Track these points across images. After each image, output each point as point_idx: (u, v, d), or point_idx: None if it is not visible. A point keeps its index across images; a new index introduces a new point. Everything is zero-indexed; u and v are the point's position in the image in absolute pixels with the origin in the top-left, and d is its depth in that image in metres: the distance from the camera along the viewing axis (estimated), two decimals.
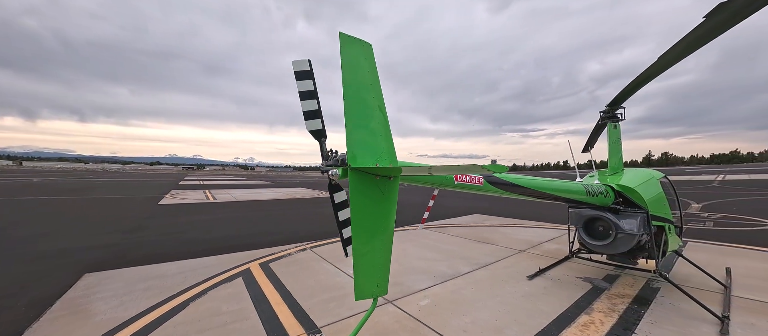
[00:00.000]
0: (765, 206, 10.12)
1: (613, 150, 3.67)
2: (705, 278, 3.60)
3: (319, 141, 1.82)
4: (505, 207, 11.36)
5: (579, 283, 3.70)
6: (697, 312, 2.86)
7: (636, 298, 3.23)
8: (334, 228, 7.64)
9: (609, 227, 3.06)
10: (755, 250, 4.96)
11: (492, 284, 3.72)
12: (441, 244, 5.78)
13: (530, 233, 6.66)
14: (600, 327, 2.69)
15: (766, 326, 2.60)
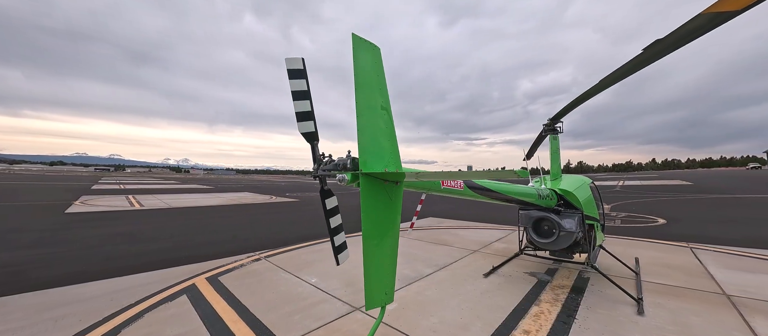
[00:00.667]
0: (654, 207, 12.45)
1: (554, 158, 4.19)
2: (621, 267, 4.28)
3: (312, 144, 1.72)
4: (455, 210, 12.04)
5: (527, 277, 4.10)
6: (619, 296, 3.39)
7: (573, 288, 3.69)
8: (290, 235, 7.28)
9: (553, 226, 3.47)
10: (653, 242, 6.07)
11: (453, 284, 3.90)
12: (402, 248, 5.88)
13: (481, 234, 7.18)
14: (548, 316, 3.01)
15: (670, 304, 3.19)
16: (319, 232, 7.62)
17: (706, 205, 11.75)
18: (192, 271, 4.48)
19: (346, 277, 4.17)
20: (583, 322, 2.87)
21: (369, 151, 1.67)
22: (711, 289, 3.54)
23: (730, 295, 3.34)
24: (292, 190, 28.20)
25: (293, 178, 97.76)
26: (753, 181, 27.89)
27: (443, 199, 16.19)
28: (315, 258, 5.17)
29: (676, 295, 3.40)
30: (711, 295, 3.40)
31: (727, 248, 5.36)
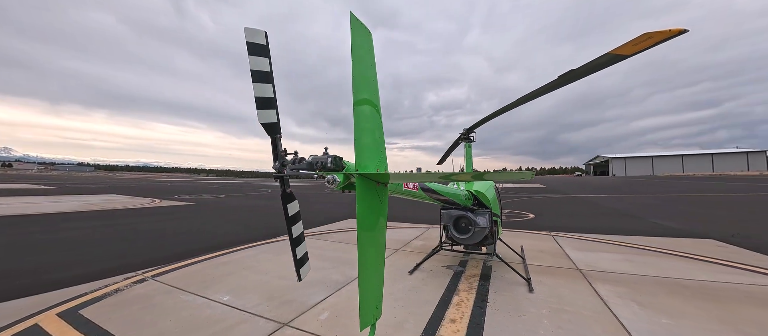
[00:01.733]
0: (525, 205, 15.68)
1: (468, 163, 4.78)
2: (513, 254, 5.20)
3: (274, 137, 1.41)
4: None
5: (445, 271, 4.52)
6: (515, 278, 4.10)
7: (482, 276, 4.27)
8: (188, 247, 6.08)
9: (469, 223, 3.94)
10: (528, 232, 7.62)
11: (385, 285, 3.96)
12: (325, 252, 5.66)
13: (399, 233, 7.57)
14: (467, 303, 3.38)
15: (548, 281, 4.04)
16: (228, 240, 6.62)
17: (555, 202, 15.50)
18: (33, 305, 3.20)
19: (265, 290, 3.73)
20: (494, 304, 3.34)
21: (364, 150, 1.51)
22: (569, 267, 4.65)
23: (582, 270, 4.47)
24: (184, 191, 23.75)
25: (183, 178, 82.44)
26: (579, 185, 38.35)
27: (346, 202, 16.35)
28: (225, 271, 4.45)
29: (550, 274, 4.33)
30: (570, 270, 4.47)
31: (574, 234, 7.17)
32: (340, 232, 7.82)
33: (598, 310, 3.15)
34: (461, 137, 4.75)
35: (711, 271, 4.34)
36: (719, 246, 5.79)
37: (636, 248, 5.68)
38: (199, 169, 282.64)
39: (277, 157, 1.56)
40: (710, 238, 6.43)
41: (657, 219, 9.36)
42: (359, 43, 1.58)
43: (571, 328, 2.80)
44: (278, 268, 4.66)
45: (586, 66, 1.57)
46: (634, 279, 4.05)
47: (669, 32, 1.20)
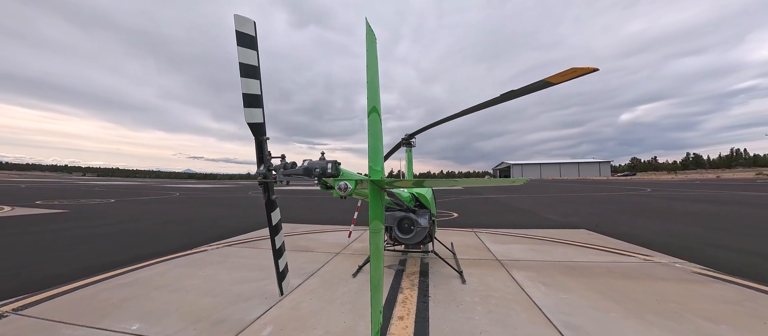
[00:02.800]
0: (448, 205, 17.30)
1: (409, 167, 5.06)
2: (445, 250, 5.70)
3: (259, 139, 1.20)
4: (302, 214, 11.90)
5: (387, 271, 4.66)
6: (449, 272, 4.51)
7: (421, 272, 4.56)
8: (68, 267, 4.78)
9: (412, 224, 4.17)
10: (456, 229, 8.44)
11: (327, 290, 3.86)
12: (259, 260, 5.20)
13: (337, 236, 7.46)
14: (412, 300, 3.57)
15: (476, 272, 4.56)
16: (127, 256, 5.45)
17: (472, 203, 17.54)
18: None
19: (188, 311, 3.23)
20: (434, 297, 3.61)
21: (375, 157, 1.43)
22: (491, 258, 5.35)
23: (500, 260, 5.19)
24: (51, 194, 18.52)
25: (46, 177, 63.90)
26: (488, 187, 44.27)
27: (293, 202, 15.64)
28: (128, 294, 3.67)
29: (477, 266, 4.91)
30: (492, 261, 5.14)
31: (491, 230, 8.25)
32: None
33: (516, 293, 3.73)
34: (403, 142, 5.00)
35: (586, 253, 5.58)
36: (589, 234, 7.47)
37: (536, 239, 6.89)
38: (71, 167, 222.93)
39: (263, 161, 1.37)
40: (582, 229, 8.24)
41: (547, 214, 11.51)
42: (371, 50, 1.54)
43: (499, 310, 3.24)
44: (201, 283, 4.07)
45: (524, 88, 1.89)
46: (538, 265, 4.91)
47: (586, 69, 1.56)
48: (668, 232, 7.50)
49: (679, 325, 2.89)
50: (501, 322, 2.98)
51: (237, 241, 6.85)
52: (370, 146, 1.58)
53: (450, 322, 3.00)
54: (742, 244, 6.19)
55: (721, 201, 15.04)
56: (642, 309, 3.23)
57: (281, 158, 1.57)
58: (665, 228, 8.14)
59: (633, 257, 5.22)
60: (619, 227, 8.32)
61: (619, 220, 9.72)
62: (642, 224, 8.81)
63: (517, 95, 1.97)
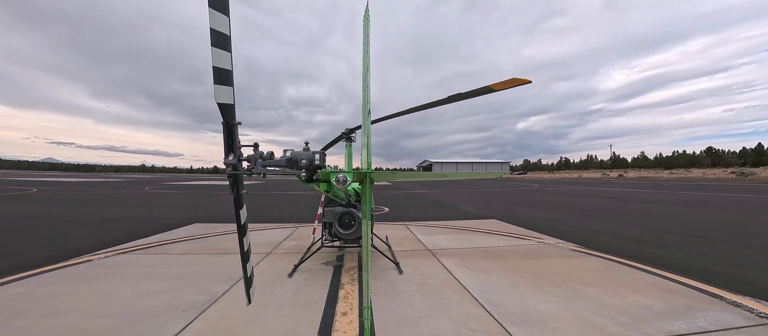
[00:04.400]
0: (380, 200, 17.81)
1: (348, 161, 5.01)
2: (381, 243, 5.88)
3: (229, 123, 0.93)
4: (215, 212, 10.66)
5: (325, 268, 4.55)
6: (387, 264, 4.67)
7: (359, 267, 4.60)
8: None
9: (352, 219, 4.16)
10: (388, 223, 8.76)
11: (260, 294, 3.55)
12: (169, 268, 4.42)
13: (265, 235, 6.91)
14: (353, 294, 3.58)
15: (411, 262, 4.84)
16: None
17: (402, 197, 18.47)
18: None
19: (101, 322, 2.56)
20: (375, 289, 3.70)
21: (369, 149, 1.27)
22: (422, 249, 5.76)
23: (431, 250, 5.64)
24: None
25: None
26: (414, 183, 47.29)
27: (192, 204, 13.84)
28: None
29: (411, 256, 5.22)
30: (424, 251, 5.54)
31: (419, 223, 8.85)
32: (183, 240, 6.28)
33: (447, 278, 4.12)
34: (343, 136, 4.92)
35: (497, 239, 6.52)
36: (498, 223, 8.75)
37: (458, 229, 7.71)
38: None
39: (233, 150, 1.11)
40: (493, 219, 9.60)
41: (465, 207, 12.99)
42: (367, 38, 1.41)
43: (434, 295, 3.52)
44: (89, 302, 3.26)
45: (470, 92, 2.09)
46: (461, 252, 5.51)
47: (523, 81, 1.84)
48: (551, 219, 9.36)
49: (565, 291, 3.65)
50: (437, 306, 3.25)
51: (134, 247, 5.67)
52: (369, 138, 1.53)
53: (392, 312, 3.12)
54: (599, 226, 8.17)
55: (582, 194, 19.49)
56: (540, 281, 3.96)
57: (254, 147, 1.37)
58: (548, 216, 10.13)
59: (531, 241, 6.34)
60: (519, 216, 9.97)
61: (518, 210, 11.64)
62: (534, 214, 10.75)
63: (464, 98, 2.17)
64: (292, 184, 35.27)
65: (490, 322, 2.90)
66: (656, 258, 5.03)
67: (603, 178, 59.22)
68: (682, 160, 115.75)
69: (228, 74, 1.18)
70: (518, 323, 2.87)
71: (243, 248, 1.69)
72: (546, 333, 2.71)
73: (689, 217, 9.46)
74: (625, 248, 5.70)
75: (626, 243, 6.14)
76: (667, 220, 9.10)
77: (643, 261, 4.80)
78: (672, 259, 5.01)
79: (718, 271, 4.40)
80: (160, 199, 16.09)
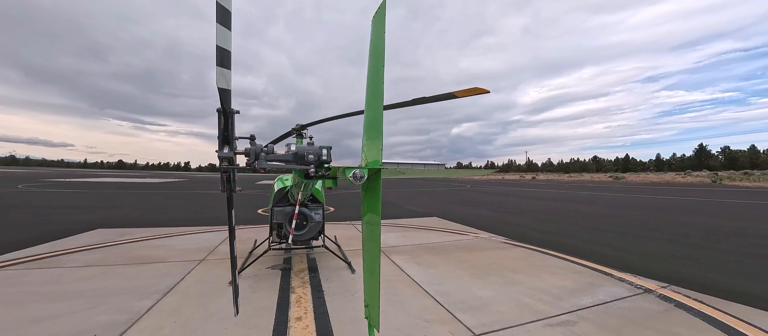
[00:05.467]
0: None
1: None
2: (330, 243, 5.75)
3: (226, 111, 0.73)
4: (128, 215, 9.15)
5: (271, 272, 4.26)
6: (338, 264, 4.60)
7: (310, 269, 4.43)
8: None
9: (305, 219, 3.98)
10: (336, 223, 8.60)
11: (196, 307, 3.14)
12: (67, 285, 3.60)
13: (197, 240, 6.14)
14: (306, 297, 3.43)
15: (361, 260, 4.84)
16: None
17: (344, 197, 18.32)
18: None
19: None
20: (329, 290, 3.62)
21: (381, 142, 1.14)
22: None
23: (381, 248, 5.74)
24: None
25: None
26: None
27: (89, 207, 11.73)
28: None
29: (361, 255, 5.24)
30: None
31: None
32: (86, 249, 5.18)
33: (398, 274, 4.25)
34: (294, 131, 4.68)
35: (440, 235, 6.99)
36: (439, 220, 9.37)
37: (404, 227, 8.02)
38: None
39: (229, 141, 0.90)
40: (434, 216, 10.24)
41: (410, 206, 13.56)
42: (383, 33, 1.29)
43: (388, 290, 3.61)
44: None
45: (433, 97, 2.21)
46: (410, 248, 5.75)
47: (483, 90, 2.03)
48: (483, 216, 10.43)
49: (500, 278, 4.12)
50: (392, 301, 3.34)
51: (11, 261, 4.46)
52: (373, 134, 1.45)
53: (349, 311, 3.10)
54: (520, 221, 9.40)
55: (505, 194, 22.16)
56: (479, 271, 4.39)
57: (250, 139, 1.19)
58: (481, 213, 11.27)
59: (469, 235, 6.97)
60: (456, 214, 10.84)
61: (455, 209, 12.64)
62: (468, 211, 11.82)
63: (427, 101, 2.29)
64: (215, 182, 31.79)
65: (442, 312, 3.10)
66: (565, 246, 6.03)
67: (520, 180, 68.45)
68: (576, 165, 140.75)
69: (229, 57, 1.02)
70: (466, 310, 3.13)
71: (233, 252, 1.50)
72: (489, 316, 3.02)
73: (584, 213, 11.58)
74: (543, 239, 6.70)
75: (543, 235, 7.21)
76: (570, 214, 10.98)
77: (556, 249, 5.71)
78: (575, 247, 6.08)
79: (606, 253, 5.50)
80: (43, 200, 12.90)
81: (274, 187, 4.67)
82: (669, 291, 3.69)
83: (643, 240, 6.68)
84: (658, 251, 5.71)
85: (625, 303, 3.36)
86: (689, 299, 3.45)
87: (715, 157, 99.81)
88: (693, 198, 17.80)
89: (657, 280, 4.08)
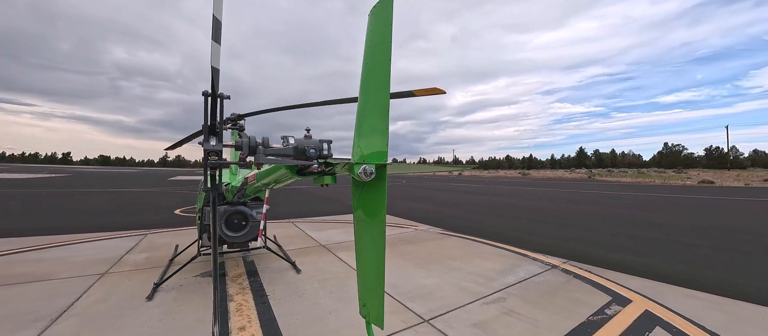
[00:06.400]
0: None
1: (234, 153, 4.28)
2: (271, 244, 5.36)
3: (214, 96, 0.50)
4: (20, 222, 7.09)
5: (201, 280, 3.77)
6: (280, 265, 4.33)
7: (248, 273, 4.06)
8: None
9: (244, 219, 3.61)
10: (272, 222, 8.02)
11: (104, 328, 2.58)
12: None
13: (96, 249, 5.02)
14: (248, 304, 3.14)
15: (307, 259, 4.65)
16: None
17: (278, 193, 17.24)
18: None
19: None
20: (273, 295, 3.38)
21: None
22: (316, 245, 5.65)
23: (324, 245, 5.60)
24: None
25: None
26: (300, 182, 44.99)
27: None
28: None
29: (306, 254, 5.03)
30: (318, 247, 5.45)
31: (306, 219, 8.58)
32: None
33: (347, 271, 4.23)
34: (229, 121, 4.19)
35: None
36: None
37: (346, 223, 7.97)
38: None
39: (213, 130, 0.65)
40: None
41: (347, 201, 13.50)
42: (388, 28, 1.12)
43: (338, 288, 3.56)
44: None
45: (393, 93, 2.26)
46: (352, 244, 5.76)
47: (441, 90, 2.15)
48: (420, 210, 11.09)
49: (441, 266, 4.46)
50: (344, 298, 3.31)
51: None
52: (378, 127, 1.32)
53: (298, 314, 2.96)
54: (455, 213, 10.30)
55: (437, 189, 23.95)
56: (422, 261, 4.68)
57: (239, 130, 0.98)
58: (418, 207, 11.96)
59: (409, 228, 7.33)
60: (395, 208, 11.28)
61: (392, 203, 13.11)
62: (406, 205, 12.41)
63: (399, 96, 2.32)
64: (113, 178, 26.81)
65: (393, 303, 3.21)
66: (491, 234, 6.85)
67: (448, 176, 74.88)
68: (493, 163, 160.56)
69: (219, 32, 0.83)
70: (414, 299, 3.31)
71: (216, 266, 1.24)
72: (435, 302, 3.25)
73: (500, 204, 13.32)
74: (474, 228, 7.48)
75: (473, 224, 8.06)
76: (491, 206, 12.50)
77: (485, 236, 6.45)
78: (501, 234, 6.96)
79: (522, 238, 6.46)
80: None
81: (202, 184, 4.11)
82: (568, 265, 4.54)
83: (547, 225, 8.04)
84: (558, 234, 6.96)
85: (539, 278, 4.01)
86: (582, 270, 4.31)
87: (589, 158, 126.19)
88: (577, 190, 22.14)
89: (560, 257, 4.98)
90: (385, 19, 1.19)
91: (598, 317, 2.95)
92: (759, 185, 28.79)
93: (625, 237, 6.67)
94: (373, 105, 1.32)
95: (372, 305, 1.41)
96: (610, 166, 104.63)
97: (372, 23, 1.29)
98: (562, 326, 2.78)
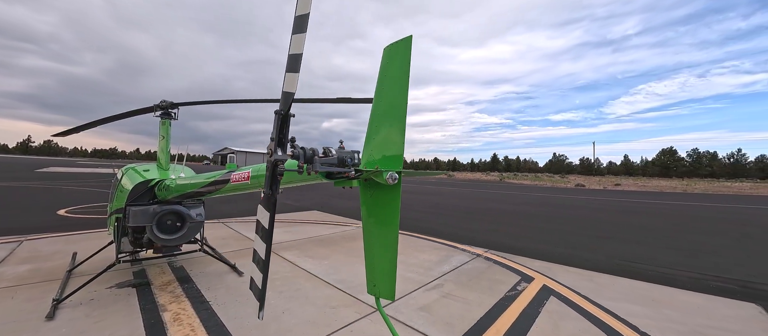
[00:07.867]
0: None
1: (165, 145, 3.76)
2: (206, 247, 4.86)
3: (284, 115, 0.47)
4: None
5: (119, 292, 3.26)
6: (218, 269, 4.02)
7: (179, 279, 3.66)
8: None
9: (179, 219, 3.24)
10: None
11: None
12: None
13: None
14: (187, 312, 2.88)
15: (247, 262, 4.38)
16: None
17: None
18: None
19: None
20: (216, 300, 3.17)
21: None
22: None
23: None
24: None
25: None
26: None
27: None
28: None
29: (245, 255, 4.74)
30: None
31: (239, 219, 7.93)
32: None
33: (293, 269, 4.18)
34: (156, 107, 3.68)
35: (325, 228, 7.17)
36: (320, 213, 9.50)
37: (286, 222, 7.68)
38: None
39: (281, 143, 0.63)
40: (313, 209, 10.27)
41: (287, 201, 12.88)
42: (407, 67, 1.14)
43: (287, 287, 3.53)
44: None
45: (358, 98, 2.41)
46: (298, 243, 5.66)
47: None
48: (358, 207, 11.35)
49: None
50: (295, 297, 3.31)
51: None
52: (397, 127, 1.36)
53: (249, 317, 2.86)
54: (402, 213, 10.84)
55: None
56: None
57: (290, 142, 0.97)
58: (356, 205, 12.20)
59: (351, 226, 7.50)
60: (334, 207, 11.28)
61: (330, 202, 13.07)
62: (344, 203, 12.52)
63: (351, 102, 2.46)
64: None
65: (345, 297, 3.36)
66: (427, 229, 7.53)
67: None
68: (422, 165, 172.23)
69: (299, 60, 0.85)
70: (364, 292, 3.50)
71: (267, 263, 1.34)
72: None
73: (433, 203, 14.56)
74: (411, 225, 8.08)
75: (410, 221, 8.68)
76: (424, 204, 13.55)
77: (421, 232, 7.07)
78: (435, 229, 7.70)
79: (450, 232, 7.30)
80: None
81: (121, 181, 3.53)
82: (489, 254, 5.38)
83: (472, 221, 9.21)
84: (481, 228, 8.06)
85: (468, 265, 4.68)
86: (499, 257, 5.17)
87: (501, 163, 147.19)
88: (492, 190, 25.59)
89: (482, 247, 5.84)
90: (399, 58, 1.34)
91: (512, 293, 3.65)
92: (611, 188, 37.98)
93: (528, 229, 8.14)
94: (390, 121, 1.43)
95: (383, 283, 1.61)
96: (516, 170, 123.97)
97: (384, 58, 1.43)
98: (487, 302, 3.37)
